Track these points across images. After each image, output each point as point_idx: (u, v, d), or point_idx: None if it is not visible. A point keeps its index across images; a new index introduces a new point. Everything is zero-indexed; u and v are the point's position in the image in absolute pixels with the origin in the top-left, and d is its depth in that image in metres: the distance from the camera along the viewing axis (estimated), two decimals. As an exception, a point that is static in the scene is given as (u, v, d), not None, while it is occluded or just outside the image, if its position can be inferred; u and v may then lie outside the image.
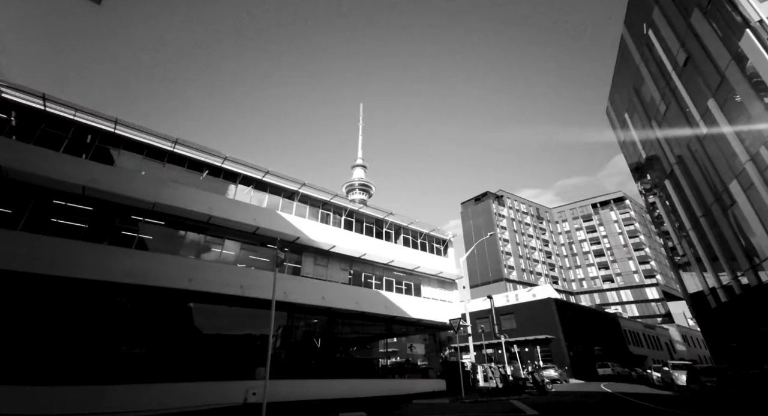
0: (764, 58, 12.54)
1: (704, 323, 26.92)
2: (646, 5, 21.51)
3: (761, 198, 15.30)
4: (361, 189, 78.09)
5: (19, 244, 11.98)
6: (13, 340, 11.25)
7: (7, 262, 11.50)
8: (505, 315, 43.48)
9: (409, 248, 24.71)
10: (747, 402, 13.47)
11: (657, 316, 70.09)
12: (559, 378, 28.57)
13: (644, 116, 26.15)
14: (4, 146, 12.69)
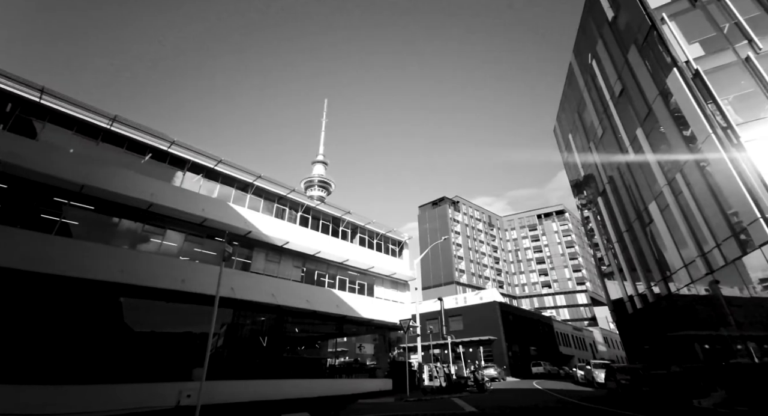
0: (687, 96, 14.41)
1: (622, 326, 30.16)
2: (592, 38, 23.72)
3: (674, 219, 17.52)
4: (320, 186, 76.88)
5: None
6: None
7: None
8: (453, 316, 45.21)
9: (365, 248, 24.80)
10: (654, 398, 15.37)
11: (584, 319, 77.25)
12: (497, 377, 30.32)
13: (584, 138, 28.77)
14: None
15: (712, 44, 14.47)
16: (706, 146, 13.71)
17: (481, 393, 19.98)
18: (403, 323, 20.64)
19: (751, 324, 13.98)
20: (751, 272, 12.84)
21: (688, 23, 15.20)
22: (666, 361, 22.12)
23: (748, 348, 14.47)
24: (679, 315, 19.58)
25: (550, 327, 54.07)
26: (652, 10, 16.15)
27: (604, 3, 20.84)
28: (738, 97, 13.22)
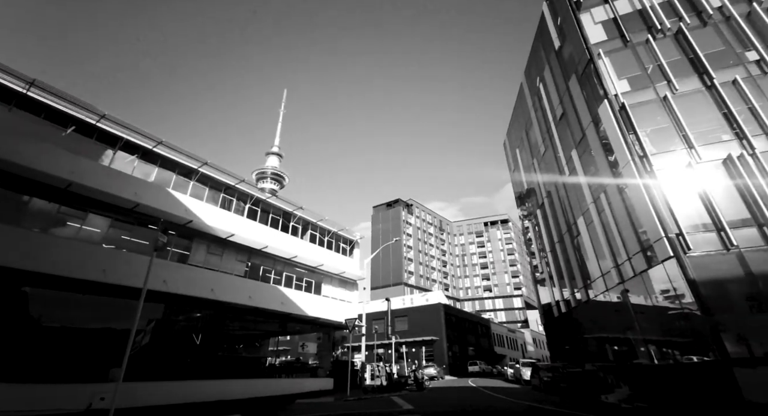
0: (613, 126, 16.21)
1: (549, 329, 33.03)
2: (540, 63, 25.77)
3: (597, 233, 19.61)
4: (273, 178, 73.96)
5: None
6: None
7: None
8: (399, 317, 46.12)
9: (315, 245, 24.39)
10: (569, 393, 17.03)
11: (518, 322, 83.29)
12: (437, 376, 31.52)
13: (529, 155, 31.11)
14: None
15: (637, 82, 16.47)
16: (625, 171, 15.55)
17: (419, 391, 20.62)
18: (348, 322, 20.61)
19: (652, 329, 16.12)
20: (655, 283, 14.79)
21: (620, 61, 17.17)
22: (582, 360, 24.66)
23: (648, 351, 16.66)
24: (595, 319, 21.95)
25: (488, 328, 57.49)
26: (592, 45, 18.00)
27: (553, 33, 22.75)
28: (654, 131, 15.18)
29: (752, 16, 15.40)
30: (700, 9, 16.52)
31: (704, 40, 15.88)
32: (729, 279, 12.23)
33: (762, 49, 14.55)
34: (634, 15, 17.87)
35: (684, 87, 15.35)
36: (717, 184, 13.37)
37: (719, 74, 14.93)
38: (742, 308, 11.88)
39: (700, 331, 12.31)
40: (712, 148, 13.92)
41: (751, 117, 13.77)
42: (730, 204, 12.91)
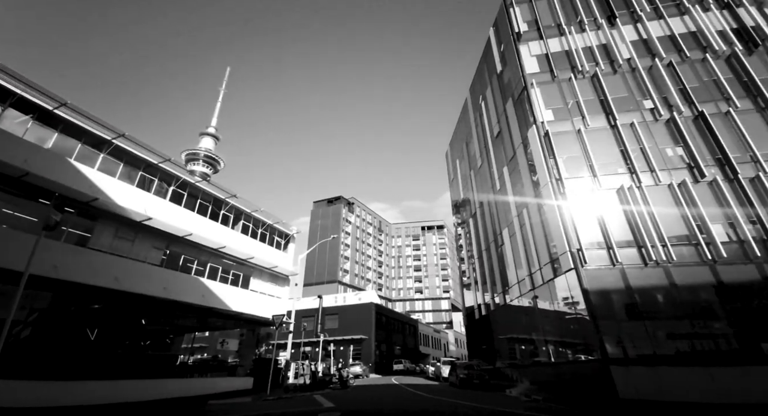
0: (538, 149, 18.08)
1: (469, 330, 35.55)
2: (484, 82, 27.75)
3: (517, 244, 21.65)
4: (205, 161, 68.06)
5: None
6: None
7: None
8: (330, 314, 45.70)
9: (247, 236, 23.06)
10: (481, 388, 18.50)
11: (444, 323, 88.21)
12: (362, 374, 31.89)
13: (467, 166, 33.23)
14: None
15: (560, 113, 18.60)
16: (544, 191, 17.45)
17: (343, 389, 20.65)
18: (276, 318, 19.81)
19: (552, 331, 18.28)
20: (558, 291, 16.81)
21: (548, 93, 19.23)
22: (494, 359, 27.03)
23: (548, 350, 18.87)
24: (509, 322, 24.23)
25: (416, 328, 59.89)
26: (527, 74, 19.90)
27: (497, 57, 24.64)
28: (569, 158, 17.28)
29: (653, 69, 18.41)
30: (612, 58, 19.28)
31: (613, 86, 18.57)
32: (613, 290, 14.41)
33: (656, 100, 17.47)
34: (562, 55, 20.21)
35: (594, 124, 17.76)
36: (611, 209, 15.67)
37: (621, 116, 17.56)
38: (620, 315, 14.07)
39: (589, 334, 14.33)
40: (610, 178, 16.31)
41: (641, 156, 16.43)
42: (619, 227, 15.23)
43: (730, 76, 17.27)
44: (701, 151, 15.89)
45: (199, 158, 67.32)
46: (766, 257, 13.43)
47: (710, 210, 14.56)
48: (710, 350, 12.78)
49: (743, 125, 15.87)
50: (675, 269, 13.99)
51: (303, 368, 23.80)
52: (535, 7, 22.14)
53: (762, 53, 17.50)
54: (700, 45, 18.45)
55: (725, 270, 13.57)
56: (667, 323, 13.56)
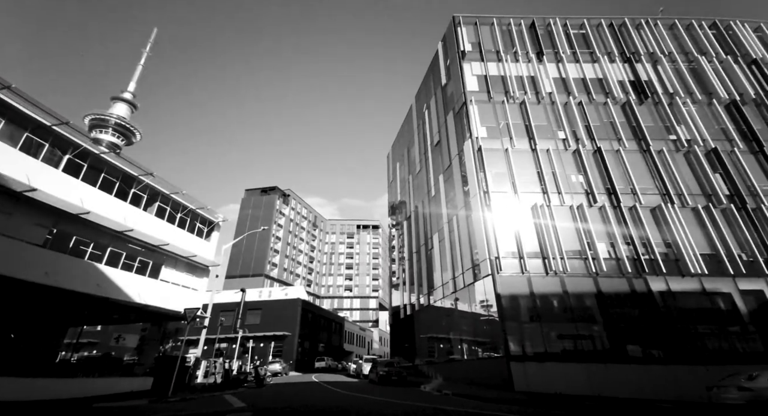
0: (471, 162, 19.46)
1: (394, 328, 36.77)
2: (429, 92, 29.03)
3: (445, 249, 23.01)
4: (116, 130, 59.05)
5: None
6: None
7: None
8: (253, 309, 43.35)
9: (163, 220, 20.73)
10: (399, 384, 19.21)
11: (370, 321, 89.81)
12: (281, 372, 30.84)
13: (407, 170, 34.35)
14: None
15: (492, 132, 20.29)
16: (473, 201, 18.86)
17: (259, 388, 19.75)
18: (188, 312, 18.11)
19: (467, 331, 19.83)
20: (477, 294, 18.29)
21: (484, 111, 20.86)
22: (414, 356, 28.37)
23: (462, 348, 20.42)
24: (431, 322, 25.64)
25: (342, 326, 59.93)
26: (468, 91, 21.33)
27: (442, 70, 25.94)
28: (496, 174, 18.93)
29: (567, 105, 21.09)
30: (538, 90, 21.67)
31: (536, 114, 20.87)
32: (520, 295, 16.17)
33: (567, 132, 20.04)
34: (498, 79, 22.11)
35: (519, 145, 19.74)
36: (525, 223, 17.58)
37: (540, 142, 19.81)
38: (524, 317, 15.85)
39: (497, 334, 15.87)
40: (528, 195, 18.29)
41: (553, 179, 18.73)
42: (530, 240, 17.16)
43: (623, 121, 20.63)
44: (596, 180, 18.69)
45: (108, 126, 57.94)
46: (635, 272, 16.32)
47: (598, 231, 17.20)
48: (588, 349, 15.10)
49: (628, 163, 19.07)
50: (568, 279, 16.23)
51: (215, 366, 22.18)
52: (479, 31, 23.87)
53: (650, 104, 21.25)
54: (604, 90, 21.71)
55: (604, 282, 16.15)
56: (558, 325, 15.67)
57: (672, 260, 16.58)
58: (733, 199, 18.06)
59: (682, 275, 16.20)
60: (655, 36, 23.78)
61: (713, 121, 20.67)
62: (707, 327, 15.48)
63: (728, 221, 17.40)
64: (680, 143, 19.79)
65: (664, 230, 17.20)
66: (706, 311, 15.81)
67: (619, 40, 23.72)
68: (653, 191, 18.43)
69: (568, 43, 23.50)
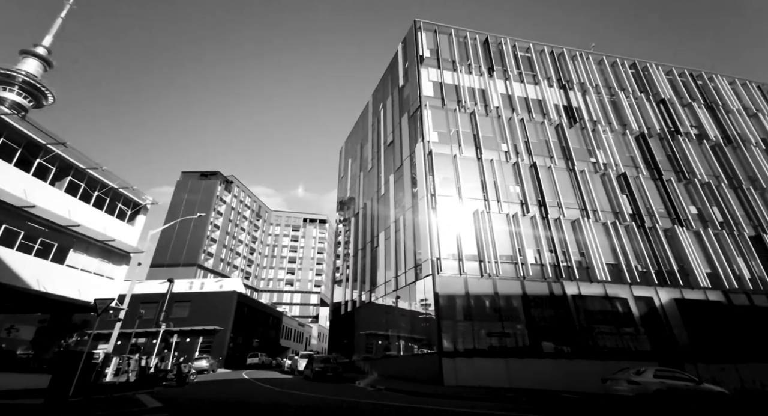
0: (422, 165, 20.06)
1: (334, 324, 36.59)
2: (386, 92, 29.33)
3: (390, 248, 23.45)
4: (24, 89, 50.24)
5: None
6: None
7: None
8: (181, 302, 40.03)
9: (75, 198, 18.23)
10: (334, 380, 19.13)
11: (310, 317, 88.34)
12: (208, 369, 28.95)
13: (358, 167, 34.33)
14: None
15: (443, 137, 21.15)
16: (420, 203, 19.49)
17: (180, 386, 18.29)
18: (99, 303, 16.07)
19: (406, 328, 20.45)
20: (417, 293, 18.92)
21: (437, 117, 21.65)
22: (352, 352, 28.53)
23: (399, 345, 21.03)
24: (371, 319, 25.99)
25: (279, 321, 58.04)
26: (423, 96, 21.98)
27: (401, 71, 26.36)
28: (444, 178, 19.77)
29: (511, 121, 22.76)
30: (487, 103, 23.11)
31: (484, 125, 22.24)
32: (457, 295, 17.13)
33: (509, 145, 21.66)
34: (452, 87, 23.14)
35: (466, 153, 20.87)
36: (466, 227, 18.65)
37: (485, 152, 21.15)
38: (459, 316, 16.82)
39: (433, 331, 16.63)
40: (470, 201, 19.41)
41: (494, 187, 20.12)
42: (469, 243, 18.25)
43: (556, 140, 22.87)
44: (530, 192, 20.49)
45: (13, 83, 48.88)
46: (555, 277, 18.22)
47: (528, 238, 18.89)
48: (511, 346, 16.52)
49: (557, 179, 21.20)
50: (500, 281, 17.58)
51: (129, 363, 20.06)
52: (438, 39, 24.73)
53: (577, 128, 23.80)
54: (542, 111, 23.87)
55: (529, 285, 17.80)
56: (488, 324, 16.92)
57: (584, 267, 18.81)
58: (634, 218, 21.02)
59: (590, 281, 18.46)
60: (585, 68, 26.69)
61: (625, 149, 23.83)
62: (607, 327, 17.88)
63: (629, 236, 20.22)
64: (598, 165, 22.51)
65: (580, 241, 19.44)
66: (607, 313, 18.23)
67: (557, 68, 26.21)
68: (575, 205, 20.72)
69: (515, 63, 25.36)
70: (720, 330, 18.60)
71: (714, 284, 19.72)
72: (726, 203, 22.88)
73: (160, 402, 11.93)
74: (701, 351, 17.69)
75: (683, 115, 26.54)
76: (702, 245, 20.84)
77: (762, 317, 19.53)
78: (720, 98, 28.72)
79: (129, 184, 20.99)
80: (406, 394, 12.80)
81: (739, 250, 21.27)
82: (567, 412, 9.84)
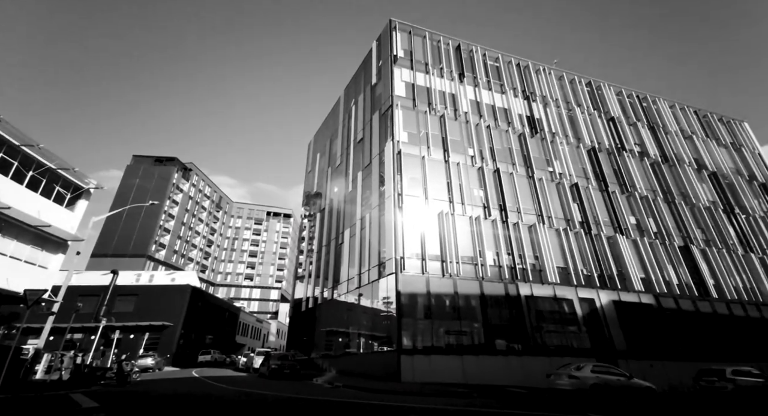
0: (390, 164, 20.18)
1: (294, 321, 35.88)
2: (359, 89, 29.19)
3: (355, 245, 23.38)
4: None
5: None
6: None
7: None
8: (126, 295, 37.22)
9: (6, 177, 16.33)
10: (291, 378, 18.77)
11: (270, 313, 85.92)
12: (153, 367, 27.25)
13: (326, 162, 33.87)
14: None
15: (412, 138, 21.45)
16: (387, 202, 19.63)
17: (121, 385, 17.05)
18: (30, 294, 14.52)
19: (367, 325, 20.51)
20: (380, 291, 19.03)
21: (407, 117, 21.91)
22: (312, 350, 28.15)
23: (359, 342, 21.07)
24: (333, 316, 25.79)
25: (236, 317, 55.84)
26: (395, 95, 22.14)
27: (374, 69, 26.36)
28: (411, 178, 20.07)
29: (478, 127, 23.59)
30: (456, 107, 23.78)
31: (452, 129, 22.85)
32: (418, 294, 17.47)
33: (476, 150, 22.43)
34: (424, 89, 23.54)
35: (434, 155, 21.33)
36: (431, 228, 19.08)
37: (453, 155, 21.76)
38: (420, 315, 17.18)
39: (393, 329, 16.85)
40: (436, 202, 19.88)
41: (459, 190, 20.76)
42: (433, 243, 18.69)
43: (518, 148, 24.06)
44: (492, 196, 21.39)
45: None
46: (511, 279, 19.18)
47: (488, 241, 19.72)
48: (467, 343, 17.18)
49: (518, 185, 22.32)
50: (460, 281, 18.19)
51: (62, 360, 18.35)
52: (412, 41, 25.02)
53: (538, 139, 25.19)
54: (507, 120, 25.00)
55: (487, 286, 18.60)
56: (447, 322, 17.45)
57: (537, 270, 19.99)
58: (583, 225, 22.67)
59: (542, 283, 19.66)
60: (547, 82, 28.32)
61: (578, 161, 25.61)
62: (554, 326, 19.15)
63: (577, 242, 21.78)
64: (554, 174, 23.99)
65: (535, 245, 20.62)
66: (555, 313, 19.53)
67: (522, 79, 27.56)
68: (532, 211, 21.93)
69: (485, 71, 26.30)
70: (650, 330, 20.61)
71: (647, 288, 21.81)
72: (660, 216, 25.35)
73: (96, 402, 11.08)
74: (634, 349, 19.50)
75: (629, 133, 29.00)
76: (638, 252, 22.94)
77: (687, 320, 21.91)
78: (661, 120, 31.72)
79: (70, 165, 19.15)
80: (363, 391, 12.89)
81: (669, 258, 23.68)
82: (512, 405, 10.44)
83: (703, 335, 21.73)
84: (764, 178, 32.76)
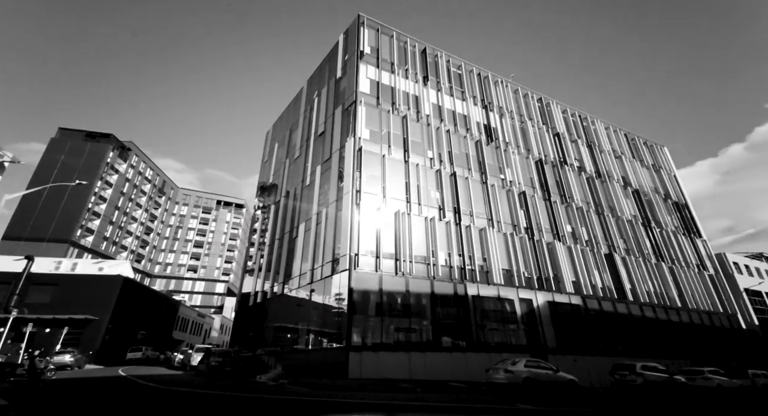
0: (350, 160, 20.03)
1: (240, 316, 34.32)
2: (322, 80, 28.60)
3: (310, 239, 22.92)
4: None
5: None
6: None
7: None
8: (42, 285, 33.01)
9: None
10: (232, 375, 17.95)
11: (214, 307, 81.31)
12: (72, 364, 24.60)
13: (285, 153, 32.76)
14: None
15: (374, 136, 21.49)
16: (345, 197, 19.49)
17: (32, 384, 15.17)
18: None
19: (317, 322, 20.21)
20: (333, 287, 18.83)
21: (370, 114, 21.91)
22: (257, 346, 27.13)
23: (308, 339, 20.73)
24: (282, 311, 25.07)
25: (175, 310, 52.09)
26: (360, 92, 22.02)
27: (339, 63, 25.96)
28: (370, 176, 20.11)
29: (439, 130, 24.28)
30: (419, 109, 24.29)
31: (414, 130, 23.29)
32: (371, 291, 17.61)
33: (435, 153, 23.08)
34: (388, 88, 23.71)
35: (395, 155, 21.59)
36: (387, 226, 19.31)
37: (413, 156, 22.18)
38: (371, 312, 17.33)
39: (344, 325, 16.83)
40: (393, 201, 20.15)
41: (416, 191, 21.23)
42: (388, 242, 18.94)
43: (474, 154, 25.21)
44: (448, 199, 22.19)
45: None
46: (460, 279, 20.08)
47: (441, 242, 20.44)
48: (416, 340, 17.69)
49: (472, 189, 23.39)
50: (412, 280, 18.66)
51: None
52: (379, 38, 25.05)
53: (492, 147, 26.57)
54: (466, 126, 26.07)
55: (438, 285, 19.30)
56: (397, 320, 17.82)
57: (484, 271, 21.15)
58: (527, 231, 24.40)
59: (488, 284, 20.85)
60: (504, 95, 29.99)
61: (527, 170, 27.48)
62: (496, 324, 20.43)
63: (522, 246, 23.40)
64: (505, 181, 25.51)
65: (484, 248, 21.79)
66: (498, 312, 20.83)
67: (482, 89, 28.88)
68: (483, 215, 23.12)
69: (448, 77, 27.13)
70: (577, 328, 22.81)
71: (576, 290, 24.08)
72: (591, 226, 28.09)
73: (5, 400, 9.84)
74: (562, 345, 21.45)
75: (570, 149, 31.70)
76: (572, 257, 25.23)
77: (607, 319, 24.56)
78: (597, 139, 35.09)
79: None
80: (309, 387, 12.75)
81: (596, 264, 26.35)
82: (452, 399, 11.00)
83: (620, 333, 24.55)
84: (677, 197, 37.72)
